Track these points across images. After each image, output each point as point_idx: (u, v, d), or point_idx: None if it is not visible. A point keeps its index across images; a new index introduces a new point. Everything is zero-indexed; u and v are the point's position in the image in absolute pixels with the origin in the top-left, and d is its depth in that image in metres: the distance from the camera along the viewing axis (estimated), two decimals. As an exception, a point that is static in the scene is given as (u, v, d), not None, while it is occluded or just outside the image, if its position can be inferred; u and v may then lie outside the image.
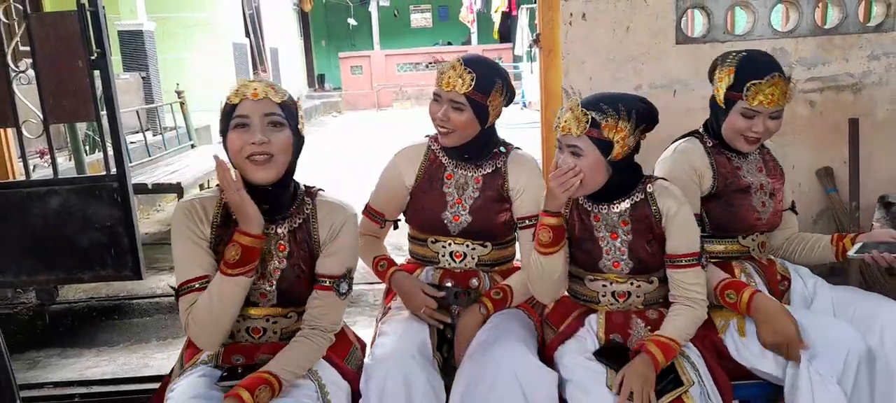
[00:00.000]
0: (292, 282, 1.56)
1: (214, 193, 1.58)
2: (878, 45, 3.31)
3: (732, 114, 1.76)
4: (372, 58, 18.12)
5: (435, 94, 1.82)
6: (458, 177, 1.85)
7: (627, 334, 1.66)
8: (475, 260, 1.85)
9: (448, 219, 1.84)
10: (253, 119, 1.45)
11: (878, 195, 3.45)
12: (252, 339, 1.58)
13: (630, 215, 1.66)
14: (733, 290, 1.67)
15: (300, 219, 1.58)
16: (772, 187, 1.86)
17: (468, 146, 1.81)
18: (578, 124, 1.55)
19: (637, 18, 3.26)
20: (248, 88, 1.47)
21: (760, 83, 1.69)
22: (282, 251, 1.55)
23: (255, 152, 1.44)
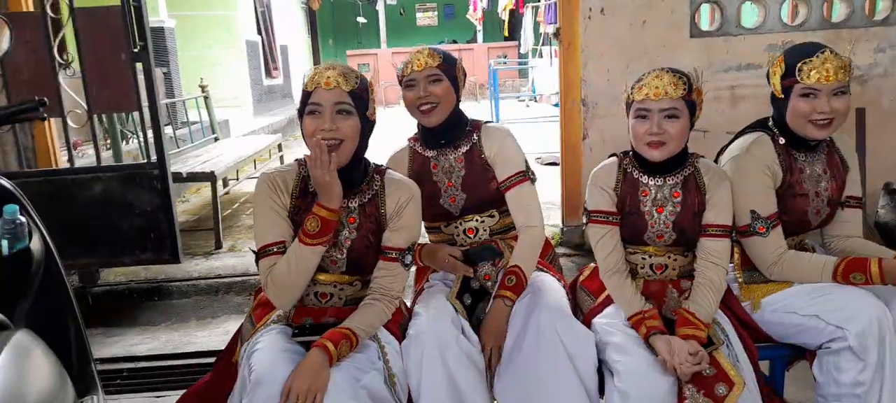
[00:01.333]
0: (361, 252, 1.69)
1: (292, 167, 1.72)
2: (884, 38, 3.46)
3: (793, 99, 1.75)
4: (379, 56, 18.23)
5: (408, 82, 1.89)
6: (442, 163, 1.95)
7: (662, 302, 1.79)
8: (487, 231, 1.98)
9: (447, 204, 1.95)
10: (324, 106, 1.58)
11: (884, 182, 3.60)
12: (319, 303, 1.72)
13: (682, 187, 1.79)
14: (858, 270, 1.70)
15: (370, 194, 1.71)
16: (829, 194, 1.88)
17: (444, 128, 1.93)
18: (676, 88, 1.69)
19: (653, 13, 3.41)
20: (321, 77, 1.60)
21: (811, 60, 1.70)
22: (352, 223, 1.68)
23: (325, 137, 1.57)
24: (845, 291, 1.69)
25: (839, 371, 1.64)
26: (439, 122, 1.91)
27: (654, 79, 1.71)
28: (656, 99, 1.68)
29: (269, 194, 1.65)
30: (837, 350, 1.64)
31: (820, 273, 1.74)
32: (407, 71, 1.90)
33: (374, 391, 1.52)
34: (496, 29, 18.85)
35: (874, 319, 1.59)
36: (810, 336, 1.71)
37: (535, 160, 6.80)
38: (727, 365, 1.61)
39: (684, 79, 1.71)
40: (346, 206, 1.68)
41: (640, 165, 1.82)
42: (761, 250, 1.81)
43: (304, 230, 1.57)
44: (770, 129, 1.87)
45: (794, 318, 1.73)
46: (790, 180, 1.84)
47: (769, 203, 1.80)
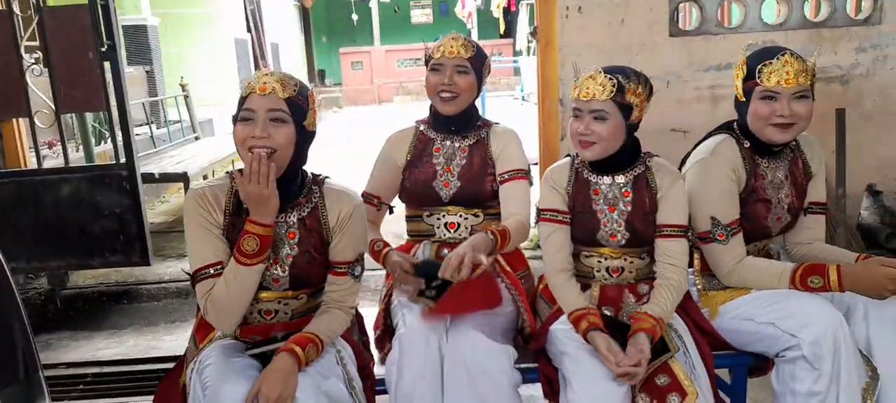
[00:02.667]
0: (304, 267, 1.62)
1: (224, 181, 1.64)
2: (865, 38, 3.40)
3: (753, 101, 1.72)
4: (372, 53, 18.21)
5: (435, 64, 1.90)
6: (446, 148, 1.97)
7: (619, 307, 1.75)
8: (468, 229, 1.96)
9: (439, 187, 1.95)
10: (257, 112, 1.51)
11: (866, 183, 3.55)
12: (264, 320, 1.65)
13: (632, 186, 1.75)
14: (816, 275, 1.67)
15: (309, 207, 1.64)
16: (790, 201, 1.85)
17: (457, 119, 1.95)
18: (604, 89, 1.65)
19: (631, 11, 3.36)
20: (257, 82, 1.53)
21: (772, 62, 1.68)
22: (292, 238, 1.61)
23: (255, 146, 1.49)
24: (801, 299, 1.65)
25: (795, 380, 1.60)
26: (455, 113, 1.93)
27: (587, 80, 1.69)
28: (585, 99, 1.67)
29: (200, 212, 1.56)
30: (793, 359, 1.60)
31: (777, 279, 1.70)
32: (436, 53, 1.92)
33: (337, 396, 1.49)
34: (492, 26, 18.80)
35: (828, 328, 1.55)
36: (767, 344, 1.67)
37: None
38: (682, 375, 1.56)
39: (614, 81, 1.65)
40: (283, 221, 1.61)
41: (590, 165, 1.78)
42: (720, 257, 1.77)
43: (241, 250, 1.50)
44: (735, 132, 1.83)
45: (751, 326, 1.69)
46: (753, 185, 1.80)
47: (731, 209, 1.76)
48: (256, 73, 1.58)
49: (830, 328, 1.56)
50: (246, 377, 1.45)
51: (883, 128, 3.47)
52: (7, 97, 3.28)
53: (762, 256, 1.86)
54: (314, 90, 11.20)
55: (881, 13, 3.36)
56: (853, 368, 1.58)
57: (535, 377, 1.75)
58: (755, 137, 1.79)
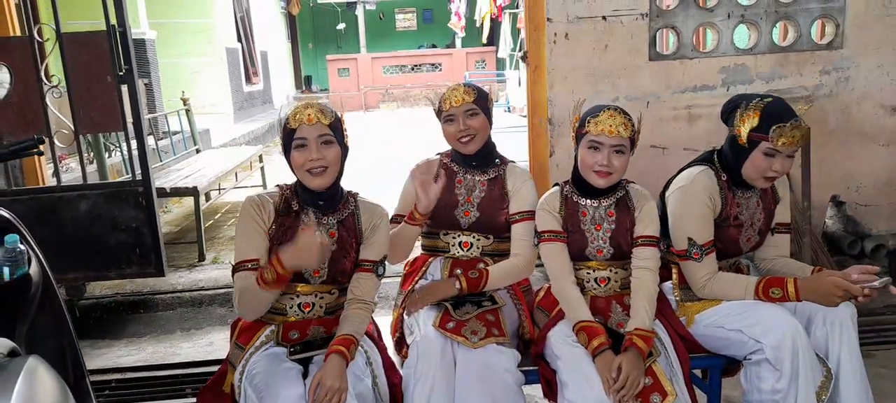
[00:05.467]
0: (341, 262, 1.92)
1: (275, 191, 1.94)
2: (828, 61, 3.70)
3: (756, 153, 1.89)
4: (358, 60, 18.38)
5: (448, 117, 2.13)
6: (467, 181, 2.18)
7: (608, 316, 1.99)
8: (480, 249, 2.20)
9: (460, 215, 2.17)
10: (310, 140, 1.82)
11: (831, 195, 3.85)
12: (303, 314, 1.91)
13: (615, 207, 2.02)
14: (777, 287, 1.90)
15: (346, 213, 1.95)
16: (761, 224, 2.07)
17: (479, 154, 2.17)
18: (627, 127, 1.91)
19: (614, 38, 3.62)
20: (303, 115, 1.82)
21: (785, 126, 1.83)
22: (332, 237, 1.91)
23: (313, 167, 1.82)
24: (764, 308, 1.90)
25: (760, 380, 1.85)
26: (476, 151, 2.15)
27: (608, 118, 1.91)
28: (610, 135, 1.90)
29: (254, 215, 1.86)
30: (758, 361, 1.85)
31: (744, 291, 1.96)
32: (445, 107, 2.12)
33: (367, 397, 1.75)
34: (475, 33, 19.07)
35: (787, 333, 1.80)
36: (736, 349, 1.92)
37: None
38: (663, 377, 1.81)
39: (631, 121, 1.93)
40: (327, 222, 1.91)
41: (579, 190, 2.04)
42: (695, 273, 2.02)
43: (262, 274, 1.75)
44: (714, 165, 2.06)
45: (722, 332, 1.94)
46: (727, 212, 2.03)
47: (706, 232, 2.00)
48: (295, 108, 1.85)
49: (789, 333, 1.81)
50: (297, 380, 1.69)
51: (845, 143, 3.77)
52: (28, 118, 3.45)
53: (733, 270, 2.12)
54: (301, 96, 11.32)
55: (842, 38, 3.66)
56: (810, 368, 1.82)
57: (535, 378, 2.00)
58: (734, 173, 2.01)
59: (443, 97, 2.14)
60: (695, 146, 3.69)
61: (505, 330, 1.94)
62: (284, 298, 1.90)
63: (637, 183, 2.13)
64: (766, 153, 1.90)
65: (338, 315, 1.92)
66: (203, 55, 10.05)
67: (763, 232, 2.12)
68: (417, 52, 19.49)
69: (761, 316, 1.87)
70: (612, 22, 3.60)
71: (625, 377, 1.76)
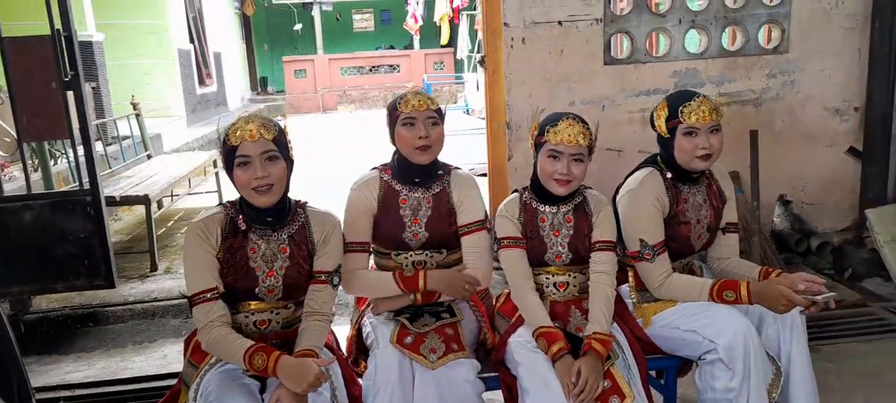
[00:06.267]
0: (295, 277, 1.87)
1: (219, 211, 1.86)
2: (775, 65, 3.82)
3: (679, 139, 2.00)
4: (315, 61, 18.21)
5: (407, 119, 1.98)
6: (412, 200, 2.07)
7: (567, 321, 2.01)
8: (433, 266, 2.13)
9: (409, 238, 2.07)
10: (253, 157, 1.74)
11: (778, 194, 3.98)
12: (259, 331, 1.87)
13: (573, 213, 2.05)
14: (730, 289, 1.98)
15: (297, 226, 1.89)
16: (708, 221, 2.13)
17: (425, 168, 2.07)
18: (585, 136, 1.94)
19: (570, 43, 3.67)
20: (244, 131, 1.74)
21: (690, 103, 1.98)
22: (284, 252, 1.86)
23: (259, 185, 1.74)
24: (717, 309, 1.95)
25: (714, 379, 1.90)
26: (429, 162, 2.03)
27: (567, 128, 1.94)
28: (569, 145, 1.93)
29: (201, 242, 1.78)
30: (712, 361, 1.90)
31: (698, 293, 2.00)
32: (405, 109, 1.99)
33: None
34: (433, 34, 19.09)
35: (739, 334, 1.85)
36: (691, 349, 1.97)
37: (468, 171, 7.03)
38: (621, 380, 1.84)
39: (589, 130, 1.97)
40: (277, 238, 1.85)
41: (538, 196, 2.06)
42: (649, 274, 2.06)
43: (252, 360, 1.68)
44: (659, 165, 2.13)
45: (677, 333, 1.99)
46: (676, 210, 2.09)
47: (657, 232, 2.05)
48: (235, 124, 1.77)
49: (741, 334, 1.86)
50: (254, 397, 1.65)
51: (791, 145, 3.90)
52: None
53: (687, 271, 2.17)
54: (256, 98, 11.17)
55: (788, 43, 3.79)
56: (761, 367, 1.88)
57: (496, 384, 2.00)
58: (677, 168, 2.08)
59: (401, 99, 2.03)
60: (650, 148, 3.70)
61: (464, 344, 1.92)
62: (238, 316, 1.85)
63: (594, 185, 2.16)
64: (685, 133, 2.00)
65: (296, 328, 1.88)
66: (154, 57, 9.80)
67: (713, 230, 2.18)
68: (375, 54, 19.41)
69: (715, 318, 1.92)
70: (567, 27, 3.64)
71: (584, 381, 1.78)
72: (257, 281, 1.82)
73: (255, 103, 17.36)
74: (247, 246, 1.82)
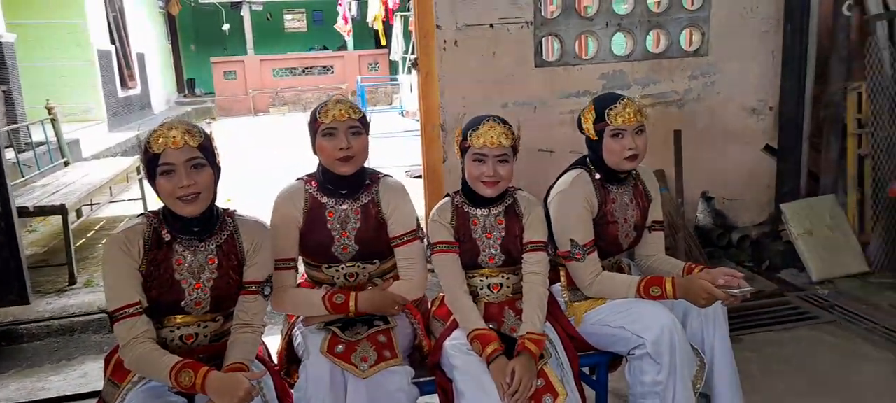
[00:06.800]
0: (224, 289, 1.79)
1: (140, 223, 1.76)
2: (696, 67, 3.98)
3: (606, 140, 2.06)
4: (246, 63, 17.76)
5: (328, 129, 1.93)
6: (339, 213, 2.01)
7: (501, 321, 2.03)
8: (367, 276, 2.10)
9: (338, 252, 2.02)
10: (177, 165, 1.64)
11: (701, 191, 4.15)
12: (186, 345, 1.78)
13: (504, 215, 2.07)
14: (656, 285, 2.01)
15: (225, 235, 1.82)
16: (635, 220, 2.19)
17: (350, 179, 2.01)
18: (508, 136, 1.97)
19: (501, 46, 3.70)
20: (167, 138, 1.66)
21: (616, 106, 2.03)
22: (212, 263, 1.78)
23: (184, 194, 1.67)
24: (644, 306, 2.01)
25: (642, 373, 1.96)
26: (352, 172, 1.97)
27: (489, 130, 1.95)
28: (493, 147, 1.94)
29: (121, 256, 1.69)
30: (640, 356, 1.95)
31: (627, 290, 2.06)
32: (326, 119, 1.93)
33: None
34: (367, 35, 18.95)
35: (665, 329, 1.91)
36: (621, 345, 2.03)
37: (404, 174, 7.01)
38: (554, 378, 1.87)
39: (511, 130, 1.99)
40: (204, 249, 1.78)
41: (468, 200, 2.07)
42: (580, 273, 2.11)
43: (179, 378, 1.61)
44: (588, 167, 2.18)
45: (608, 330, 2.04)
46: (604, 210, 2.15)
47: (586, 232, 2.09)
48: (157, 130, 1.69)
49: (667, 329, 1.92)
50: None
51: (712, 143, 4.07)
52: None
53: (616, 269, 2.23)
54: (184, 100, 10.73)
55: (708, 46, 3.95)
56: (686, 360, 1.95)
57: (432, 389, 2.00)
58: (605, 168, 2.14)
59: (321, 109, 1.97)
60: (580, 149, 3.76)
61: (397, 351, 1.90)
62: (163, 331, 1.77)
63: (527, 186, 2.19)
64: (612, 135, 2.06)
65: (225, 341, 1.81)
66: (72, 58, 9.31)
67: (639, 229, 2.25)
68: (308, 55, 19.11)
69: (642, 314, 1.98)
70: (499, 30, 3.68)
71: (517, 381, 1.79)
72: (183, 295, 1.74)
73: (182, 105, 16.76)
74: (172, 257, 1.74)
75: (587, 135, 2.15)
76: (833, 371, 2.75)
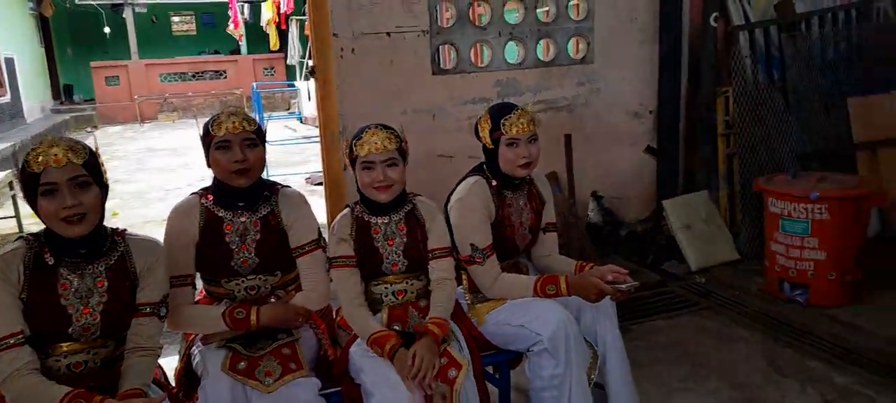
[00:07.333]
0: (115, 313, 1.71)
1: (19, 246, 1.67)
2: (583, 74, 4.21)
3: (502, 149, 2.16)
4: (130, 67, 16.79)
5: (221, 143, 1.91)
6: (237, 225, 1.98)
7: (406, 322, 2.08)
8: (268, 288, 2.08)
9: (238, 265, 1.99)
10: (60, 185, 1.57)
11: (592, 191, 4.39)
12: (74, 374, 1.68)
13: (405, 221, 2.11)
14: (551, 284, 2.15)
15: (115, 256, 1.74)
16: (530, 224, 2.31)
17: (247, 191, 1.99)
18: (392, 140, 2.00)
19: (398, 54, 3.75)
20: (48, 156, 1.57)
21: (511, 116, 2.15)
22: (101, 287, 1.69)
23: (69, 215, 1.58)
24: (541, 304, 2.13)
25: (541, 368, 2.07)
26: (249, 185, 1.96)
27: (372, 137, 2.00)
28: (378, 152, 1.99)
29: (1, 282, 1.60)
30: (539, 352, 2.07)
31: (525, 290, 2.17)
32: (219, 132, 1.91)
33: None
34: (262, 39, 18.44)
35: (560, 325, 2.04)
36: (521, 342, 2.13)
37: (305, 181, 6.91)
38: (456, 354, 1.96)
39: (395, 134, 2.04)
40: (92, 272, 1.69)
41: (368, 209, 2.10)
42: (481, 276, 2.20)
43: None
44: (485, 174, 2.27)
45: (509, 329, 2.14)
46: (502, 215, 2.25)
47: (485, 236, 2.19)
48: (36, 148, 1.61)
49: (562, 325, 2.05)
50: None
51: (600, 146, 4.31)
52: None
53: (514, 269, 2.33)
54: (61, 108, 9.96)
55: (593, 54, 4.18)
56: (581, 353, 2.09)
57: (339, 400, 2.01)
58: (502, 175, 2.24)
59: (215, 121, 1.94)
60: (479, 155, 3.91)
61: (302, 362, 1.90)
62: (49, 360, 1.66)
63: (429, 191, 2.25)
64: (508, 144, 2.17)
65: (118, 366, 1.74)
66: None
67: (534, 231, 2.37)
68: (198, 59, 18.34)
69: (539, 312, 2.10)
70: (396, 38, 3.73)
71: (419, 360, 1.85)
72: (71, 321, 1.66)
73: (59, 113, 15.61)
74: (56, 282, 1.65)
75: (484, 143, 2.24)
76: (712, 354, 3.01)
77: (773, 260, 3.55)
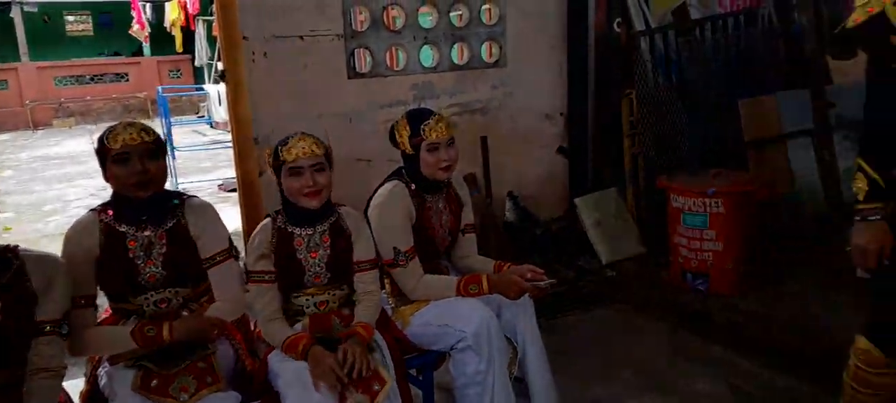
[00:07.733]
0: (11, 337, 1.61)
1: None
2: (496, 77, 4.30)
3: (422, 154, 2.19)
4: (20, 70, 15.69)
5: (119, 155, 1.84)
6: (141, 240, 1.91)
7: (328, 329, 2.06)
8: (180, 301, 2.01)
9: (144, 280, 1.93)
10: None
11: (508, 191, 4.50)
12: None
13: (329, 232, 2.09)
14: (474, 283, 2.21)
15: (8, 276, 1.63)
16: (449, 225, 2.37)
17: (149, 203, 1.91)
18: (319, 145, 2.00)
19: (313, 58, 3.71)
20: None
21: (429, 121, 2.19)
22: None
23: None
24: (464, 303, 2.19)
25: (465, 365, 2.13)
26: (149, 195, 1.88)
27: (299, 142, 2.00)
28: (306, 157, 1.98)
29: None
30: (462, 349, 2.12)
31: (448, 290, 2.23)
32: (115, 145, 1.83)
33: None
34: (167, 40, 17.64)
35: (483, 322, 2.10)
36: (445, 341, 2.18)
37: (218, 187, 6.69)
38: (380, 369, 1.96)
39: (319, 139, 2.05)
40: None
41: (291, 220, 2.08)
42: (404, 278, 2.23)
43: None
44: (404, 178, 2.30)
45: (433, 329, 2.19)
46: (421, 218, 2.29)
47: (407, 239, 2.22)
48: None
49: (484, 322, 2.11)
50: None
51: (515, 146, 4.42)
52: None
53: (435, 271, 2.37)
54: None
55: (506, 58, 4.29)
56: (502, 349, 2.16)
57: (260, 411, 1.98)
58: (420, 179, 2.27)
59: (110, 134, 1.86)
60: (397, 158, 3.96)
61: (220, 376, 1.85)
62: None
63: (347, 196, 2.25)
64: (428, 149, 2.21)
65: (17, 393, 1.63)
66: None
67: (454, 233, 2.42)
68: (97, 61, 17.37)
69: (463, 310, 2.15)
70: (310, 42, 3.68)
71: (351, 354, 1.86)
72: None
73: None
74: None
75: (403, 149, 2.26)
76: (621, 346, 3.17)
77: (676, 252, 3.76)
